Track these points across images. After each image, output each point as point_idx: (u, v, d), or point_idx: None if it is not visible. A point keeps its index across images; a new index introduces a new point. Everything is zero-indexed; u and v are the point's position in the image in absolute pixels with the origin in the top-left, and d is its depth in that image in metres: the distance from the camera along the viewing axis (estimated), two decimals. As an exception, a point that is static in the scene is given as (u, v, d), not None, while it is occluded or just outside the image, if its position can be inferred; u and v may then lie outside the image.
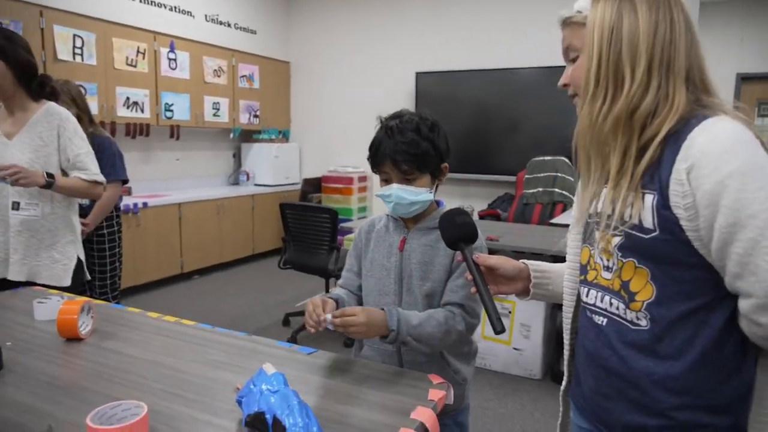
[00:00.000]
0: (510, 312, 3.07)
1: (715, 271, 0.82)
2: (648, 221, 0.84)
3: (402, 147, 1.29)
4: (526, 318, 3.02)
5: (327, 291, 3.82)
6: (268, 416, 0.91)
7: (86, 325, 1.43)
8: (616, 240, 0.90)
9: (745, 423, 0.86)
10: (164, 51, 4.96)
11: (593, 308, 0.98)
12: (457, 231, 1.15)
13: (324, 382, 1.18)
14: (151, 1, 4.94)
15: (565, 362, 1.14)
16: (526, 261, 1.18)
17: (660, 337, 0.86)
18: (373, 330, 1.20)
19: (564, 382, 1.15)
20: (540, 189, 4.89)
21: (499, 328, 1.02)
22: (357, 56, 6.30)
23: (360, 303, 1.47)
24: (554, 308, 3.27)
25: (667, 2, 0.87)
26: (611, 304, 0.93)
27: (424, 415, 1.03)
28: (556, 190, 4.80)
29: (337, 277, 3.56)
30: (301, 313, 3.89)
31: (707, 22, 5.63)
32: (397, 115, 1.37)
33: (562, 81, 1.03)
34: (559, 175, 4.85)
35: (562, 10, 1.00)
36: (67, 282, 2.05)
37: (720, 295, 0.83)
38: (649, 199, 0.84)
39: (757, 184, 0.75)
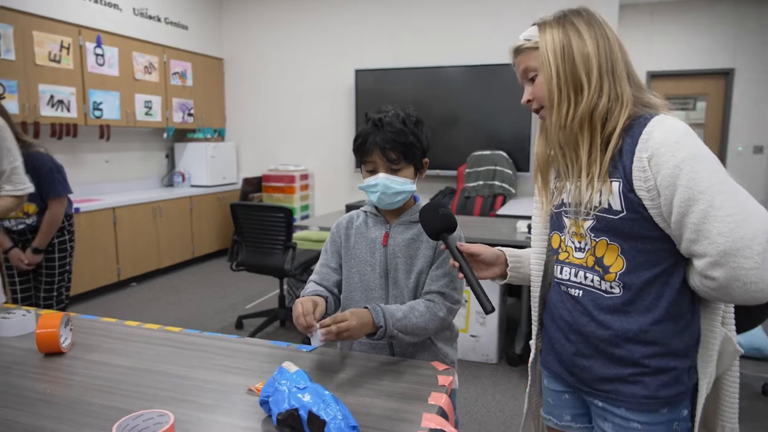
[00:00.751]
0: (466, 301, 3.19)
1: (672, 241, 1.00)
2: (616, 204, 1.00)
3: (390, 136, 1.33)
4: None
5: (281, 290, 3.78)
6: (302, 412, 0.92)
7: (66, 338, 1.36)
8: (588, 223, 1.06)
9: (696, 363, 1.06)
10: (90, 46, 4.67)
11: (568, 283, 1.12)
12: (440, 222, 1.23)
13: (334, 377, 1.20)
14: (74, -7, 4.63)
15: (534, 336, 1.27)
16: (501, 248, 1.30)
17: (632, 300, 1.03)
18: (363, 329, 1.22)
19: (532, 355, 1.29)
20: (481, 182, 5.08)
21: (489, 308, 1.13)
22: (294, 53, 6.23)
23: (338, 301, 1.48)
24: (505, 295, 3.44)
25: (599, 23, 1.06)
26: (586, 277, 1.08)
27: (441, 399, 1.09)
28: (496, 182, 5.01)
29: (293, 276, 3.53)
30: (255, 315, 3.83)
31: (621, 23, 6.06)
32: (384, 110, 1.41)
33: (525, 98, 1.14)
34: (498, 168, 5.07)
35: (511, 42, 1.15)
36: (3, 298, 1.94)
37: (676, 260, 1.01)
38: (616, 185, 1.00)
39: (703, 166, 0.93)
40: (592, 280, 1.07)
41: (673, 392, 1.03)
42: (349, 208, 4.08)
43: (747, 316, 2.58)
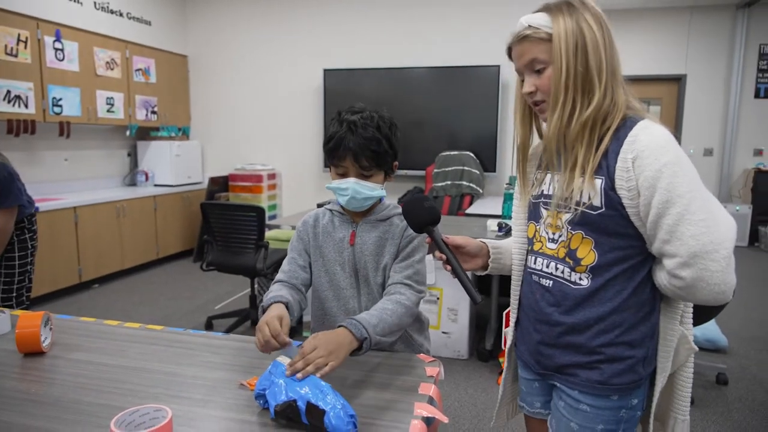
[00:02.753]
0: (438, 298, 3.25)
1: (642, 240, 1.04)
2: (597, 200, 1.03)
3: (364, 143, 1.31)
4: (452, 303, 3.23)
5: (252, 290, 3.75)
6: (300, 403, 0.94)
7: (46, 338, 1.34)
8: (567, 216, 1.08)
9: (652, 355, 1.12)
10: (49, 40, 4.50)
11: (540, 273, 1.16)
12: (426, 214, 1.22)
13: (324, 370, 1.22)
14: (32, -15, 4.46)
15: (512, 325, 1.31)
16: (484, 240, 1.32)
17: (596, 291, 1.07)
18: (343, 350, 1.11)
19: (509, 342, 1.34)
20: (449, 182, 5.17)
21: (478, 300, 1.15)
22: (261, 51, 6.17)
23: (305, 299, 1.43)
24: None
25: (601, 17, 1.05)
26: (557, 268, 1.12)
27: (430, 389, 1.13)
28: (464, 182, 5.10)
29: (265, 275, 3.52)
30: (224, 315, 3.79)
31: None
32: (358, 111, 1.37)
33: (527, 88, 1.09)
34: (466, 168, 5.16)
35: (516, 28, 1.08)
36: None
37: (644, 258, 1.06)
38: (599, 182, 1.03)
39: (683, 172, 0.97)
40: (563, 271, 1.10)
41: (626, 380, 1.08)
42: (320, 207, 4.07)
43: (701, 311, 2.73)
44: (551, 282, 1.13)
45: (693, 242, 0.95)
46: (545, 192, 1.15)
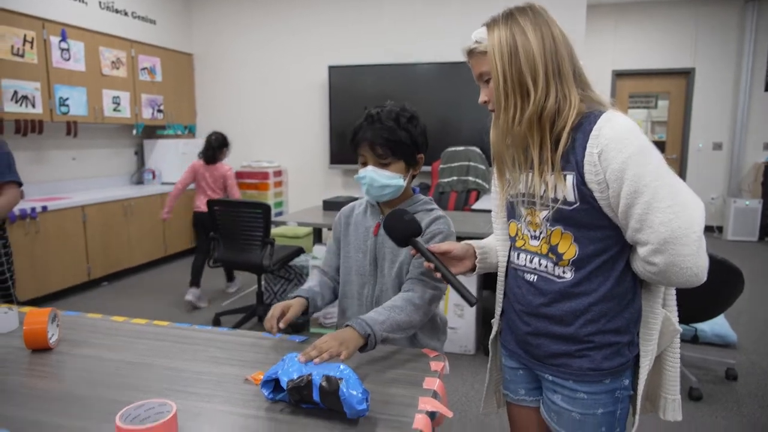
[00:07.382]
0: (444, 294, 3.25)
1: (618, 229, 1.07)
2: (570, 196, 1.07)
3: (380, 132, 1.37)
4: (459, 299, 3.20)
5: (259, 287, 3.76)
6: (315, 377, 0.95)
7: (53, 334, 1.35)
8: (544, 213, 1.12)
9: (637, 339, 1.16)
10: (55, 40, 4.53)
11: (524, 268, 1.19)
12: (407, 227, 1.25)
13: (329, 365, 1.22)
14: (38, -15, 4.48)
15: (497, 317, 1.35)
16: (468, 241, 1.33)
17: (580, 283, 1.11)
18: (351, 343, 1.16)
19: (493, 333, 1.37)
20: (455, 178, 5.15)
21: (473, 301, 1.17)
22: (266, 49, 6.17)
23: (335, 291, 1.54)
24: (481, 289, 3.51)
25: (545, 22, 1.09)
26: (540, 264, 1.15)
27: (434, 384, 1.13)
28: (470, 178, 5.09)
29: (272, 272, 3.53)
30: (232, 312, 3.81)
31: (588, 23, 6.20)
32: (381, 105, 1.45)
33: (481, 99, 1.19)
34: (472, 164, 5.14)
35: (465, 44, 1.18)
36: None
37: (622, 247, 1.09)
38: (570, 178, 1.06)
39: (647, 161, 1.00)
40: (546, 266, 1.14)
41: (615, 364, 1.12)
42: (327, 204, 4.09)
43: (711, 305, 2.71)
44: (535, 277, 1.16)
45: (663, 229, 0.97)
46: (521, 191, 1.17)
